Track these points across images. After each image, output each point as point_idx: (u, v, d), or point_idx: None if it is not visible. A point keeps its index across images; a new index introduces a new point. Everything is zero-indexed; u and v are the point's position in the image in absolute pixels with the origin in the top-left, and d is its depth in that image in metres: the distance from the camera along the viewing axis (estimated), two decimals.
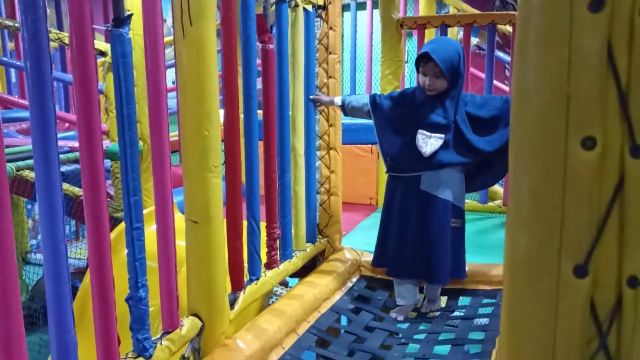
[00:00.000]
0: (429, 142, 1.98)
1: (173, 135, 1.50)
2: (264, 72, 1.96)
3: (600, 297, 0.38)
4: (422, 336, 1.95)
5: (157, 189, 1.45)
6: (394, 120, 2.09)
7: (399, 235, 2.10)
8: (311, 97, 2.25)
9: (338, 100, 2.23)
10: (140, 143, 2.58)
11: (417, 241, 2.05)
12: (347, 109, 2.22)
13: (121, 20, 1.28)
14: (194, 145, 1.53)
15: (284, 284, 3.58)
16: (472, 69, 3.43)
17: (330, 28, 2.35)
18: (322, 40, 2.35)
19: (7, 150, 2.07)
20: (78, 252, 4.36)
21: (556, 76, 0.37)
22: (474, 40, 4.77)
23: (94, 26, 1.20)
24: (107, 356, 1.29)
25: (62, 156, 2.08)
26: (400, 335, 1.98)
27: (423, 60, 1.99)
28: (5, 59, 3.75)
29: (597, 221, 0.37)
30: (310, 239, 2.34)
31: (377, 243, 2.21)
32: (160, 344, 1.44)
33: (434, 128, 1.99)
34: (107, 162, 2.86)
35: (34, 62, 1.06)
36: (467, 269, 2.30)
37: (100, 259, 1.26)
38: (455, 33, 3.99)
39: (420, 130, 2.00)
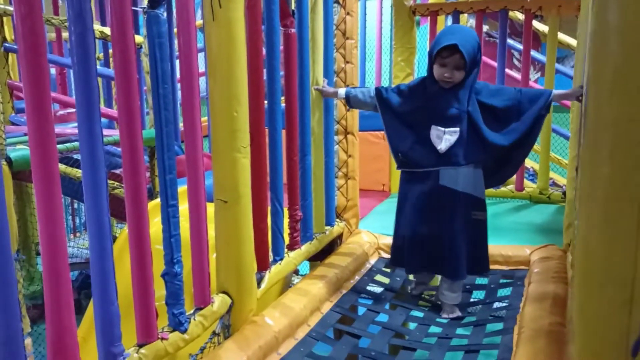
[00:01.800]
0: (443, 138, 1.91)
1: (203, 120, 1.53)
2: (286, 56, 1.99)
3: None
4: (444, 320, 1.98)
5: (189, 169, 1.48)
6: (404, 114, 1.99)
7: (417, 230, 2.00)
8: (315, 87, 2.15)
9: (342, 92, 2.11)
10: None
11: (437, 236, 1.96)
12: (351, 102, 2.11)
13: (156, 1, 1.31)
14: (223, 126, 1.56)
15: (295, 271, 3.63)
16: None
17: (348, 13, 2.38)
18: (339, 26, 2.38)
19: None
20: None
21: None
22: (484, 28, 4.78)
23: (133, 8, 1.24)
24: (146, 329, 1.33)
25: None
26: (422, 315, 2.02)
27: (447, 51, 1.85)
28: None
29: None
30: (329, 222, 2.38)
31: (395, 242, 2.11)
32: (194, 319, 1.48)
33: (447, 122, 1.91)
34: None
35: (79, 40, 1.09)
36: None
37: (139, 237, 1.29)
38: (466, 20, 4.00)
39: (433, 126, 1.93)
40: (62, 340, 1.12)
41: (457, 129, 1.91)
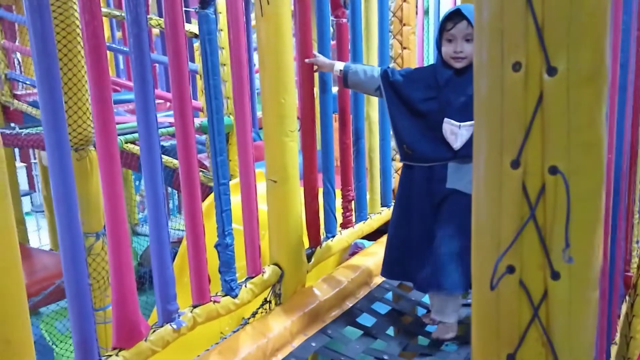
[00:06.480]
0: (459, 134, 1.64)
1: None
2: (338, 45, 2.10)
3: (530, 182, 0.50)
4: None
5: (240, 152, 1.64)
6: (413, 103, 1.72)
7: (419, 239, 1.77)
8: (307, 60, 1.86)
9: (340, 65, 1.83)
10: (231, 118, 2.84)
11: (440, 246, 1.71)
12: (349, 80, 1.82)
13: (206, 2, 1.47)
14: (273, 113, 1.71)
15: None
16: None
17: (404, 1, 2.45)
18: (396, 13, 2.46)
19: (117, 127, 2.40)
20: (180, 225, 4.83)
21: (494, 17, 0.49)
22: None
23: (185, 9, 1.41)
24: (200, 292, 1.52)
25: (162, 130, 2.36)
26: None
27: (451, 22, 1.63)
28: (114, 45, 4.15)
29: (525, 125, 0.49)
30: (386, 202, 2.48)
31: (389, 249, 1.86)
32: (245, 286, 1.65)
33: (462, 114, 1.64)
34: (204, 137, 3.15)
35: (136, 41, 1.28)
36: None
37: (193, 212, 1.47)
38: None
39: (447, 120, 1.66)
40: (124, 299, 1.32)
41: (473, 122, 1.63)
